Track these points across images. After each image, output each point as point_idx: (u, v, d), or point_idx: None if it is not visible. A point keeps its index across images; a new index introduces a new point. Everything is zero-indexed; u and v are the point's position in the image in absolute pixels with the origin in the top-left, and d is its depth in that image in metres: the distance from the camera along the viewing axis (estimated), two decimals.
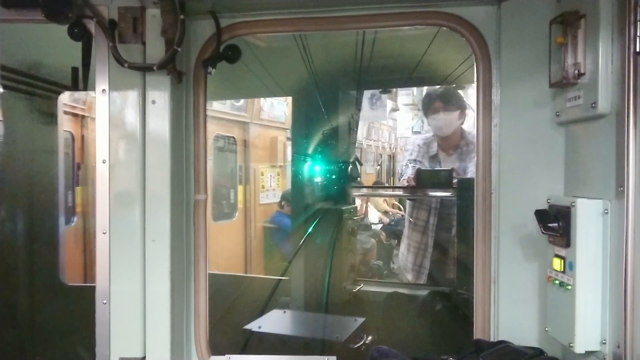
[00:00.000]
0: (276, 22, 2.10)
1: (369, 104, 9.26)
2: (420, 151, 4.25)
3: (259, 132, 8.92)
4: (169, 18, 1.83)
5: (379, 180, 14.78)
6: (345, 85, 4.48)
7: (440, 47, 3.24)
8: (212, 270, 2.22)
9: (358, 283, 4.49)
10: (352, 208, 4.58)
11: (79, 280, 5.39)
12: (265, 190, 9.08)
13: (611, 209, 1.54)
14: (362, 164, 6.50)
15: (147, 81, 1.93)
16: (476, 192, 1.99)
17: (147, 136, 1.94)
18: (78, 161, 6.05)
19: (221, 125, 7.96)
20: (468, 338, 2.03)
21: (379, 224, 10.10)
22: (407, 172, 4.22)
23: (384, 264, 8.85)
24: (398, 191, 5.67)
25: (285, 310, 3.90)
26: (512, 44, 1.90)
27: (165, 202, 1.94)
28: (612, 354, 1.54)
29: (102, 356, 1.95)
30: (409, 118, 12.95)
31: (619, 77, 1.49)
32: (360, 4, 2.00)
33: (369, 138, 14.31)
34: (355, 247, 4.98)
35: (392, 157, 16.80)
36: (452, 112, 4.04)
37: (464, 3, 1.95)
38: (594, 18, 1.54)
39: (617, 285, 1.51)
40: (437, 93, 4.15)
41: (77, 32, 1.91)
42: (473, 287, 2.01)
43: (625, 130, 1.45)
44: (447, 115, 4.03)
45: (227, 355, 2.14)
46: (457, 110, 4.05)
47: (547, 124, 1.82)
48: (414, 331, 3.70)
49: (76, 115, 5.95)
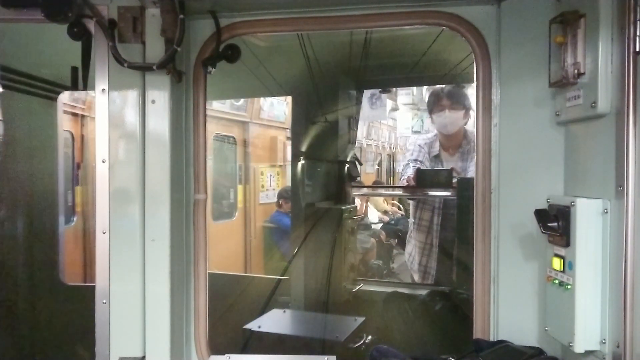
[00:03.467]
0: (276, 22, 2.09)
1: (368, 103, 9.25)
2: (421, 151, 4.27)
3: (259, 132, 8.92)
4: (169, 17, 1.83)
5: (379, 180, 14.79)
6: (345, 85, 4.48)
7: (443, 46, 3.24)
8: (212, 270, 2.22)
9: (358, 282, 4.50)
10: (352, 207, 4.58)
11: (78, 279, 5.39)
12: (265, 190, 9.08)
13: (611, 208, 1.54)
14: (362, 164, 6.50)
15: (146, 81, 1.93)
16: (476, 191, 1.99)
17: (147, 136, 1.94)
18: (78, 161, 6.05)
19: (221, 124, 7.96)
20: (468, 337, 2.03)
21: (379, 223, 10.10)
22: (407, 172, 4.24)
23: (384, 264, 8.85)
24: (398, 191, 5.67)
25: (285, 310, 3.90)
26: (512, 44, 1.90)
27: (165, 201, 1.94)
28: (611, 353, 1.54)
29: (102, 356, 1.95)
30: (408, 118, 12.94)
31: (618, 77, 1.49)
32: (360, 3, 2.00)
33: (369, 137, 14.31)
34: (355, 246, 4.99)
35: (391, 157, 16.81)
36: (458, 110, 4.09)
37: (463, 3, 1.95)
38: (594, 18, 1.54)
39: (616, 284, 1.51)
40: (444, 91, 4.19)
41: (77, 32, 1.91)
42: (473, 287, 2.01)
43: (624, 130, 1.45)
44: (453, 113, 4.09)
45: (227, 355, 2.14)
46: (463, 110, 4.09)
47: (547, 123, 1.82)
48: (414, 331, 3.70)
49: (76, 114, 5.95)
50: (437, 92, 4.33)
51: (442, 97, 4.15)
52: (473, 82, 2.00)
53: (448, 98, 4.10)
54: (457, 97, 4.11)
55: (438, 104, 4.16)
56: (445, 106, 4.09)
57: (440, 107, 4.13)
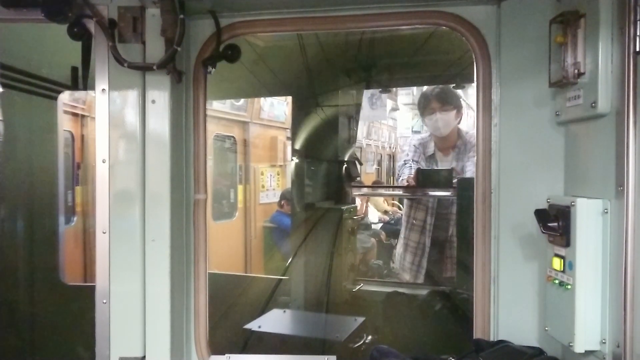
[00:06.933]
0: (276, 22, 2.09)
1: (368, 103, 9.25)
2: (416, 152, 4.24)
3: (259, 132, 8.92)
4: (169, 17, 1.83)
5: (379, 180, 14.78)
6: (345, 85, 4.48)
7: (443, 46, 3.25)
8: (212, 270, 2.22)
9: (358, 282, 4.50)
10: (352, 207, 4.59)
11: (78, 279, 5.39)
12: (265, 190, 9.08)
13: (611, 208, 1.54)
14: (362, 164, 6.51)
15: (146, 81, 1.93)
16: (476, 191, 1.99)
17: (147, 136, 1.94)
18: (78, 161, 6.05)
19: (221, 124, 7.96)
20: (468, 338, 2.03)
21: (379, 223, 10.10)
22: (404, 173, 4.22)
23: (384, 264, 8.85)
24: (398, 191, 5.67)
25: (285, 310, 3.90)
26: (512, 44, 1.90)
27: (165, 201, 1.94)
28: (611, 353, 1.54)
29: (102, 356, 1.95)
30: (409, 117, 12.96)
31: (618, 77, 1.49)
32: (360, 3, 2.00)
33: (369, 137, 14.32)
34: (355, 246, 4.99)
35: (392, 157, 16.81)
36: (449, 112, 4.00)
37: (463, 3, 1.95)
38: (594, 17, 1.54)
39: (616, 284, 1.51)
40: (433, 93, 4.12)
41: (77, 32, 1.91)
42: (473, 287, 2.01)
43: (624, 130, 1.45)
44: (444, 115, 4.00)
45: (227, 355, 2.14)
46: (454, 110, 4.02)
47: (547, 123, 1.82)
48: (414, 331, 3.70)
49: (76, 114, 5.95)
50: (426, 94, 4.24)
51: (431, 100, 4.06)
52: (473, 82, 2.01)
53: (437, 100, 4.01)
54: (447, 98, 4.03)
55: (428, 107, 4.07)
56: (435, 109, 4.00)
57: (430, 110, 4.03)
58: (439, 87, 4.14)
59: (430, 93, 4.16)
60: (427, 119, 4.15)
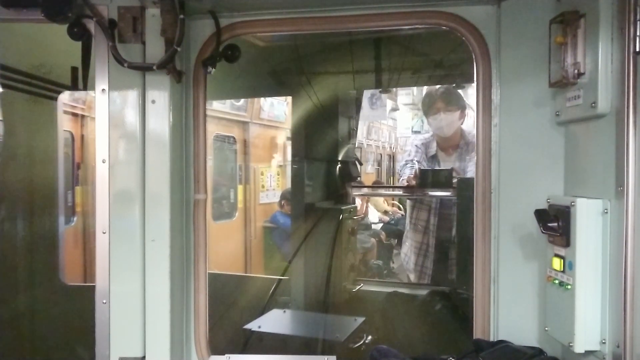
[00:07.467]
0: (276, 22, 2.09)
1: (368, 103, 9.25)
2: (418, 152, 4.26)
3: (259, 132, 8.92)
4: (169, 18, 1.83)
5: (379, 180, 14.78)
6: (345, 85, 4.48)
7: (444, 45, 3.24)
8: (212, 270, 2.22)
9: (358, 283, 4.50)
10: (352, 207, 4.58)
11: (78, 279, 5.39)
12: (265, 190, 9.08)
13: (611, 208, 1.54)
14: (362, 164, 6.51)
15: (146, 81, 1.93)
16: (476, 191, 1.99)
17: (147, 136, 1.94)
18: (78, 161, 6.05)
19: (221, 125, 7.96)
20: (468, 338, 2.03)
21: (379, 223, 10.10)
22: (405, 173, 4.23)
23: (384, 264, 8.85)
24: (398, 191, 5.67)
25: (285, 310, 3.90)
26: (512, 44, 1.90)
27: (165, 201, 1.94)
28: (611, 353, 1.54)
29: (102, 356, 1.95)
30: (409, 118, 12.95)
31: (618, 77, 1.49)
32: (360, 3, 2.00)
33: (369, 138, 14.31)
34: (355, 246, 4.99)
35: (392, 157, 16.81)
36: (453, 112, 4.04)
37: (463, 3, 1.95)
38: (594, 18, 1.54)
39: (616, 284, 1.51)
40: (437, 93, 4.15)
41: (77, 32, 1.91)
42: (473, 287, 2.01)
43: (624, 130, 1.45)
44: (449, 115, 4.04)
45: (227, 355, 2.14)
46: (458, 110, 4.05)
47: (547, 123, 1.82)
48: (414, 331, 3.70)
49: (76, 114, 5.95)
50: (431, 94, 4.28)
51: (436, 100, 4.10)
52: (473, 82, 2.01)
53: (442, 100, 4.05)
54: (451, 98, 4.06)
55: (432, 106, 4.10)
56: (440, 108, 4.04)
57: (435, 109, 4.07)
58: (443, 87, 4.16)
59: (435, 93, 4.18)
60: (431, 119, 4.17)
